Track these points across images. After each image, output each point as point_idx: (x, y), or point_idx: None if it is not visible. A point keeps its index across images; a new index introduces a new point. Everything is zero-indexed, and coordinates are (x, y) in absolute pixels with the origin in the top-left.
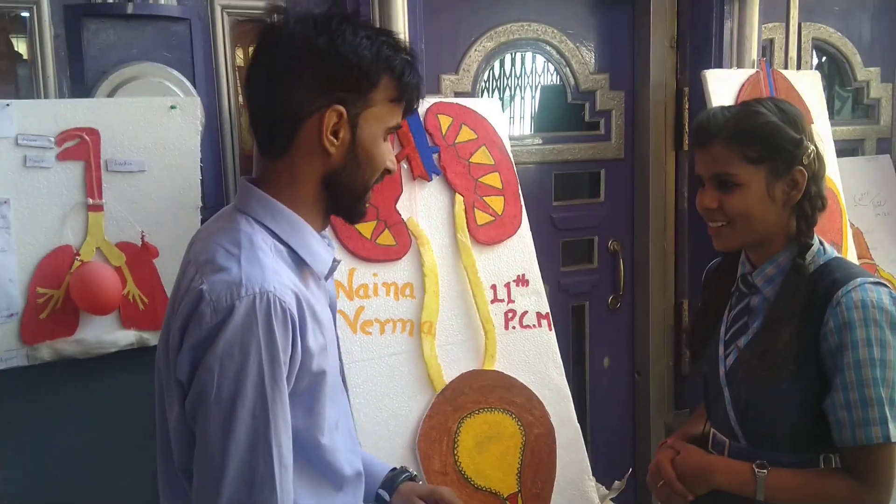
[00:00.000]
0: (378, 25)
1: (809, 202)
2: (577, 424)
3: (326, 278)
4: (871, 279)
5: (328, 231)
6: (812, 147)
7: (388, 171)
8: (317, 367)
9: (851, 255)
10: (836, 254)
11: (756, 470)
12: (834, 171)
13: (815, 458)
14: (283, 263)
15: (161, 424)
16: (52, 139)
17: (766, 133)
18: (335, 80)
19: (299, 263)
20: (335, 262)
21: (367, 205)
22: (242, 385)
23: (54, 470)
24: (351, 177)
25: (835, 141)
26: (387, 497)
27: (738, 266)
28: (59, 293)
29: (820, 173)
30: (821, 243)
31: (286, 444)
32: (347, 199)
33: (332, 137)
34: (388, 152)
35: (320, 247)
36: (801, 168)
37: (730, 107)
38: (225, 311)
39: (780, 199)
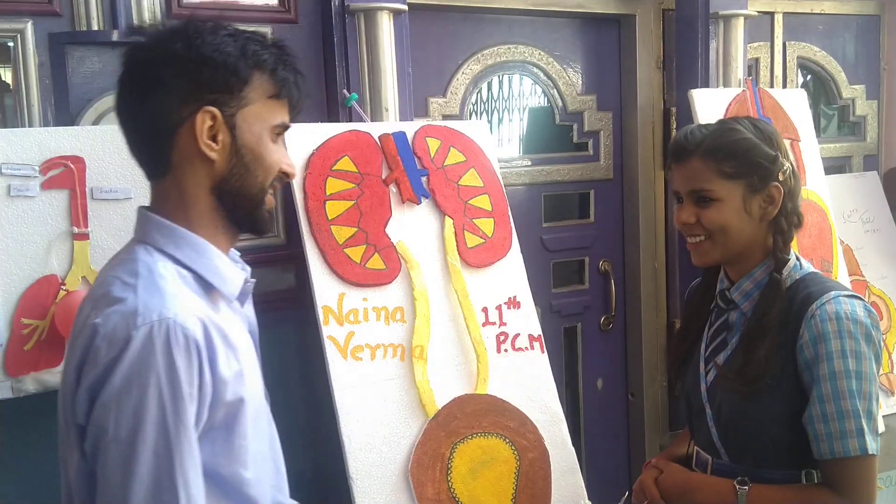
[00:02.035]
0: (365, 49)
1: (786, 218)
2: (572, 447)
3: (241, 301)
4: (846, 292)
5: (318, 259)
6: (787, 164)
7: (285, 175)
8: (232, 396)
9: (842, 273)
10: (811, 269)
11: (737, 487)
12: (822, 188)
13: (798, 474)
14: (189, 290)
15: (63, 468)
16: (37, 168)
17: (743, 149)
18: (201, 82)
19: (207, 288)
20: (248, 282)
21: (268, 213)
22: (142, 421)
23: (40, 502)
24: (241, 182)
25: (822, 158)
26: None
27: (718, 283)
28: (44, 324)
29: (795, 190)
30: (797, 259)
31: (194, 483)
32: (245, 207)
33: (210, 142)
34: (280, 153)
35: (228, 268)
36: (777, 184)
37: (707, 124)
38: (120, 343)
39: (756, 214)
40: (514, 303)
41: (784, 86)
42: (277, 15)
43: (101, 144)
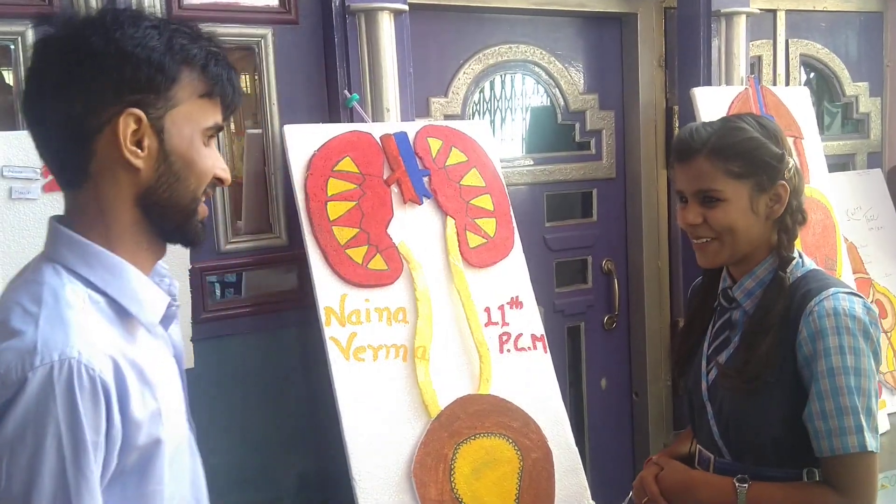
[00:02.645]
0: (366, 49)
1: (791, 216)
2: (575, 447)
3: (164, 325)
4: (845, 289)
5: (319, 259)
6: (792, 162)
7: (218, 181)
8: (147, 439)
9: (846, 270)
10: (813, 266)
11: (737, 484)
12: (826, 186)
13: (800, 473)
14: (102, 318)
15: None
16: (38, 170)
17: (750, 148)
18: (123, 81)
19: (123, 315)
20: (172, 305)
21: (201, 223)
22: (37, 474)
23: None
24: (171, 191)
25: (826, 156)
26: None
27: (720, 281)
28: None
29: (800, 187)
30: (800, 256)
31: None
32: (174, 220)
33: (134, 148)
34: (213, 157)
35: (148, 291)
36: (784, 182)
37: (710, 122)
38: (15, 385)
39: (763, 213)
40: (516, 303)
41: (787, 83)
42: (278, 16)
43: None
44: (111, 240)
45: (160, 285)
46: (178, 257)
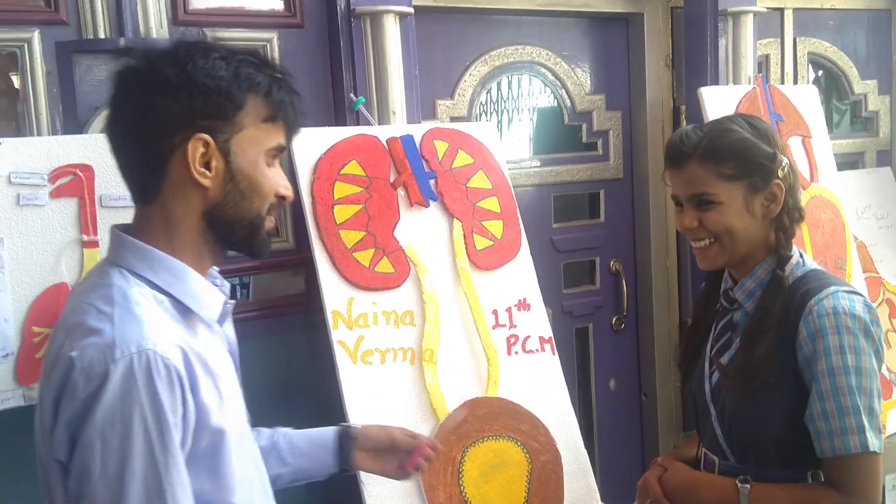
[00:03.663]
0: (371, 52)
1: (787, 215)
2: (584, 450)
3: (220, 322)
4: (846, 288)
5: (326, 263)
6: (786, 160)
7: (281, 198)
8: (216, 423)
9: (856, 270)
10: (814, 266)
11: (739, 485)
12: (835, 184)
13: (804, 474)
14: (167, 316)
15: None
16: (46, 176)
17: (741, 149)
18: (193, 108)
19: (185, 313)
20: (227, 304)
21: (267, 236)
22: (129, 457)
23: None
24: (237, 209)
25: (835, 154)
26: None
27: (722, 283)
28: None
29: (795, 186)
30: (801, 255)
31: None
32: (241, 234)
33: (202, 169)
34: (277, 177)
35: (207, 291)
36: (779, 181)
37: (701, 125)
38: (99, 378)
39: (759, 213)
40: (524, 305)
41: (795, 82)
42: (283, 20)
43: (110, 152)
44: (175, 248)
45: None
46: None
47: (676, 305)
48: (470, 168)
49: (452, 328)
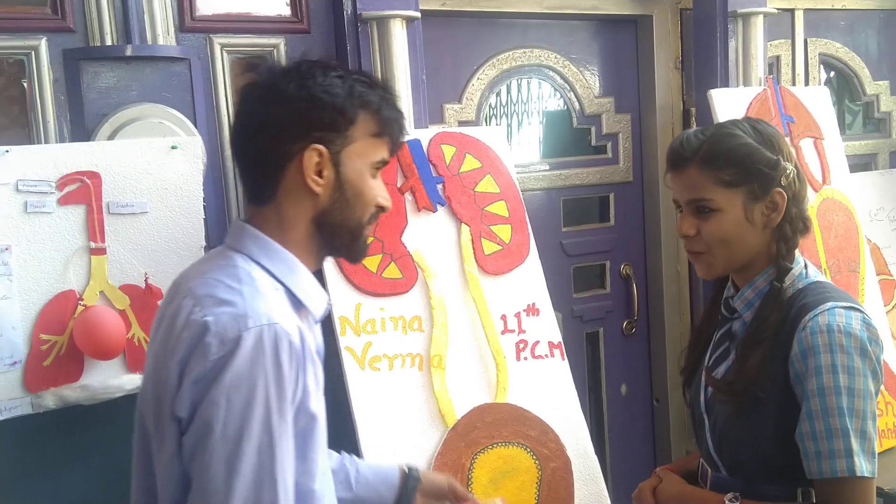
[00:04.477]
0: (378, 57)
1: (790, 224)
2: (594, 456)
3: (318, 321)
4: (844, 303)
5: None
6: (790, 167)
7: (381, 208)
8: (313, 408)
9: (869, 272)
10: (819, 278)
11: (727, 502)
12: (848, 187)
13: (794, 492)
14: (285, 301)
15: (142, 467)
16: (53, 184)
17: (741, 155)
18: (311, 121)
19: (296, 304)
20: (329, 304)
21: (366, 243)
22: (249, 419)
23: None
24: (342, 215)
25: (847, 156)
26: (417, 473)
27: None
28: (62, 339)
29: (801, 194)
30: (805, 266)
31: (291, 482)
32: (343, 239)
33: (316, 177)
34: (378, 188)
35: (315, 288)
36: (780, 189)
37: (704, 129)
38: (232, 342)
39: (759, 222)
40: (533, 310)
41: (806, 83)
42: (290, 25)
43: (117, 159)
44: (288, 246)
45: None
46: None
47: (688, 309)
48: (478, 172)
49: (461, 334)
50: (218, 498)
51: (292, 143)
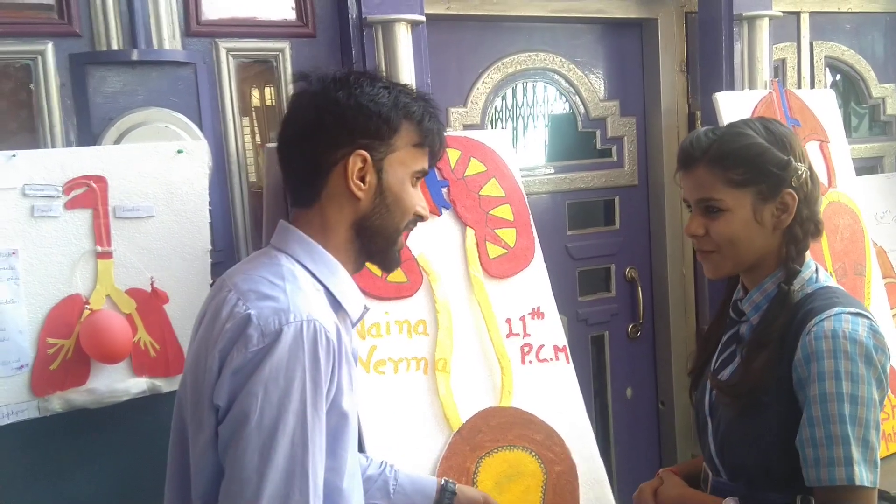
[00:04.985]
0: (383, 61)
1: (801, 226)
2: (600, 459)
3: (355, 325)
4: (852, 309)
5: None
6: (802, 168)
7: (419, 217)
8: (346, 407)
9: (876, 276)
10: (829, 283)
11: None
12: (854, 190)
13: (794, 499)
14: (325, 301)
15: (178, 457)
16: (60, 188)
17: (751, 155)
18: (357, 128)
19: (335, 305)
20: (366, 308)
21: (399, 252)
22: (285, 411)
23: None
24: (381, 221)
25: (853, 159)
26: (454, 487)
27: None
28: (69, 343)
29: (813, 196)
30: (816, 270)
31: (322, 475)
32: (380, 245)
33: (358, 182)
34: (417, 197)
35: (354, 291)
36: (791, 191)
37: (715, 129)
38: (273, 335)
39: (769, 223)
40: (537, 313)
41: (812, 86)
42: (295, 29)
43: (123, 163)
44: (330, 249)
45: None
46: (199, 272)
47: (693, 312)
48: (482, 176)
49: (466, 337)
50: (250, 487)
51: (339, 148)
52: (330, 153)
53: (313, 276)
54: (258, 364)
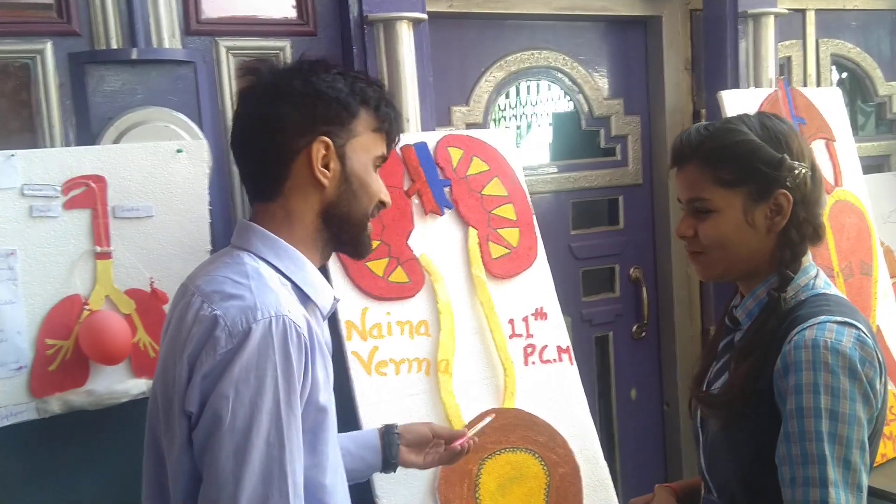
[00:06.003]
0: (385, 59)
1: (797, 229)
2: (604, 462)
3: (325, 317)
4: (840, 318)
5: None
6: (800, 167)
7: (382, 203)
8: (323, 401)
9: (883, 275)
10: (826, 290)
11: None
12: (860, 188)
13: None
14: (293, 296)
15: (153, 466)
16: (59, 188)
17: (741, 153)
18: (317, 115)
19: (303, 299)
20: (336, 300)
21: (369, 237)
22: (258, 411)
23: None
24: (349, 207)
25: (860, 157)
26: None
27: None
28: (68, 344)
29: (811, 197)
30: (815, 276)
31: (300, 473)
32: (350, 231)
33: (323, 169)
34: (380, 183)
35: (322, 283)
36: (785, 191)
37: (710, 124)
38: (241, 334)
39: (762, 225)
40: (541, 314)
41: (818, 84)
42: (296, 28)
43: (122, 163)
44: (295, 242)
45: None
46: None
47: (698, 313)
48: (485, 175)
49: (468, 338)
50: (228, 489)
51: (300, 137)
52: (291, 143)
53: (278, 271)
54: (227, 365)
